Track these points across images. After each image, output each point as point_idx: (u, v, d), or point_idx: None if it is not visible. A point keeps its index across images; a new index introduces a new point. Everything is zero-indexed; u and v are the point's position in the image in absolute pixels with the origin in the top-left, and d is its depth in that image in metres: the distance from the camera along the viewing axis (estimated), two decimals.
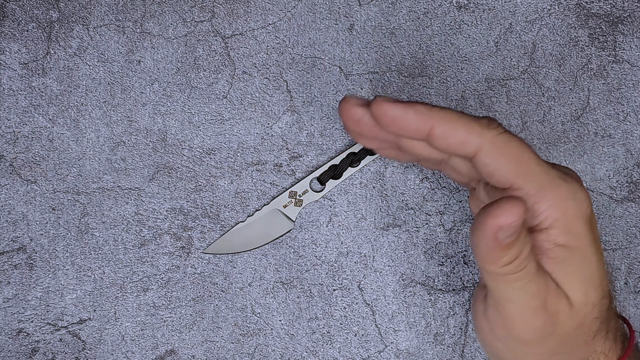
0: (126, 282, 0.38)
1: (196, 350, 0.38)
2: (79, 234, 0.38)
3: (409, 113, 0.26)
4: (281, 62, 0.39)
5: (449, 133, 0.26)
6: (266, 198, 0.39)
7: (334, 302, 0.38)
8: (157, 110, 0.39)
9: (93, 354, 0.38)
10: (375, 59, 0.39)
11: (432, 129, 0.26)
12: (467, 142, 0.26)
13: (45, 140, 0.38)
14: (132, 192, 0.38)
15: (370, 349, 0.38)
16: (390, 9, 0.39)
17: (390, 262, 0.39)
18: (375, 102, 0.27)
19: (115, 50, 0.39)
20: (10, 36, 0.39)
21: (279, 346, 0.38)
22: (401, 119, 0.27)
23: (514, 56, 0.39)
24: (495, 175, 0.27)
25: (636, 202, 0.39)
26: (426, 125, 0.26)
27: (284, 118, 0.39)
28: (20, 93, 0.39)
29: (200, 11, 0.39)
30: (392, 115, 0.27)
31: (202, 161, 0.39)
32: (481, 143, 0.26)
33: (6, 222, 0.38)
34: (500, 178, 0.27)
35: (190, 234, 0.38)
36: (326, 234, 0.39)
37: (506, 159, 0.26)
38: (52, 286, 0.38)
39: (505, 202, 0.24)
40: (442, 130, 0.26)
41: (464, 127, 0.26)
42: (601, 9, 0.39)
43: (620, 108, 0.39)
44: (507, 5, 0.39)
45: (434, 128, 0.26)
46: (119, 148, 0.39)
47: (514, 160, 0.26)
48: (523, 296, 0.26)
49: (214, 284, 0.38)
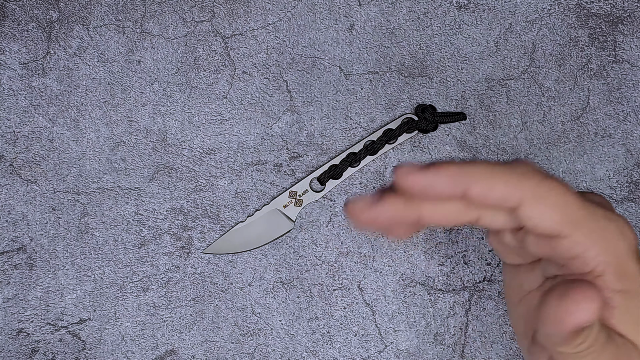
0: (126, 282, 0.38)
1: (196, 350, 0.38)
2: (79, 234, 0.38)
3: (439, 177, 0.24)
4: (281, 62, 0.39)
5: (488, 192, 0.24)
6: (266, 198, 0.39)
7: (334, 302, 0.38)
8: (157, 110, 0.39)
9: (93, 354, 0.38)
10: (375, 59, 0.39)
11: (469, 191, 0.25)
12: (508, 197, 0.25)
13: (45, 140, 0.38)
14: (132, 192, 0.38)
15: (370, 349, 0.38)
16: (390, 9, 0.39)
17: (390, 262, 0.39)
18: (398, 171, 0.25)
19: (115, 50, 0.39)
20: (10, 36, 0.39)
21: (279, 346, 0.38)
22: (432, 187, 0.25)
23: (514, 56, 0.39)
24: (539, 226, 0.25)
25: (636, 202, 0.39)
26: (461, 188, 0.25)
27: (284, 118, 0.39)
28: (20, 93, 0.39)
29: (200, 11, 0.39)
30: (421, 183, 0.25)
31: (202, 161, 0.39)
32: (522, 196, 0.24)
33: (6, 222, 0.38)
34: (546, 229, 0.25)
35: (190, 234, 0.38)
36: (326, 234, 0.39)
37: (551, 209, 0.25)
38: (52, 286, 0.38)
39: (581, 298, 0.22)
40: (479, 190, 0.24)
41: (502, 183, 0.24)
42: (601, 9, 0.39)
43: (620, 108, 0.39)
44: (507, 5, 0.39)
45: (470, 190, 0.24)
46: (119, 148, 0.39)
47: (559, 209, 0.25)
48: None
49: (214, 284, 0.38)
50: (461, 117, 0.38)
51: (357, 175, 0.39)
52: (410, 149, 0.39)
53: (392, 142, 0.38)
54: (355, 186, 0.39)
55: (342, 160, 0.38)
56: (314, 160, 0.39)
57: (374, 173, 0.39)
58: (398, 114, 0.39)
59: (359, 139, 0.39)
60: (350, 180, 0.39)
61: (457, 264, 0.38)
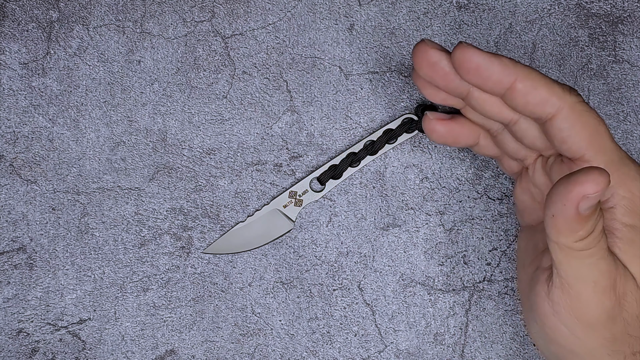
0: (126, 282, 0.38)
1: (196, 350, 0.38)
2: (79, 234, 0.38)
3: (494, 63, 0.26)
4: (281, 62, 0.39)
5: (531, 90, 0.26)
6: (266, 198, 0.39)
7: (334, 302, 0.38)
8: (157, 110, 0.39)
9: (93, 354, 0.38)
10: (375, 59, 0.39)
11: (515, 83, 0.26)
12: (548, 102, 0.26)
13: (45, 140, 0.38)
14: (132, 192, 0.38)
15: (370, 349, 0.38)
16: (390, 9, 0.39)
17: (390, 262, 0.39)
18: (460, 47, 0.26)
19: (115, 50, 0.39)
20: (10, 36, 0.39)
21: (279, 346, 0.38)
22: (485, 67, 0.26)
23: (514, 56, 0.39)
24: (568, 142, 0.27)
25: None
26: (510, 78, 0.26)
27: (284, 118, 0.39)
28: (20, 93, 0.39)
29: (200, 11, 0.39)
30: (476, 62, 0.26)
31: (202, 161, 0.39)
32: (561, 106, 0.26)
33: (6, 222, 0.38)
34: (573, 145, 0.26)
35: (190, 234, 0.38)
36: (326, 234, 0.39)
37: (582, 126, 0.26)
38: (52, 286, 0.38)
39: (591, 170, 0.23)
40: (524, 85, 0.26)
41: (546, 87, 0.26)
42: (601, 9, 0.39)
43: (620, 108, 0.39)
44: (507, 5, 0.39)
45: (517, 82, 0.26)
46: (119, 148, 0.39)
47: (590, 130, 0.26)
48: (594, 274, 0.26)
49: (214, 284, 0.38)
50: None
51: (357, 175, 0.39)
52: (410, 149, 0.39)
53: (392, 142, 0.38)
54: (355, 186, 0.39)
55: (342, 160, 0.38)
56: (314, 160, 0.39)
57: (374, 173, 0.39)
58: (398, 114, 0.39)
59: (359, 139, 0.39)
60: (350, 180, 0.39)
61: (457, 264, 0.38)
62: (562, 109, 0.26)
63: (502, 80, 0.26)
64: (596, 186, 0.23)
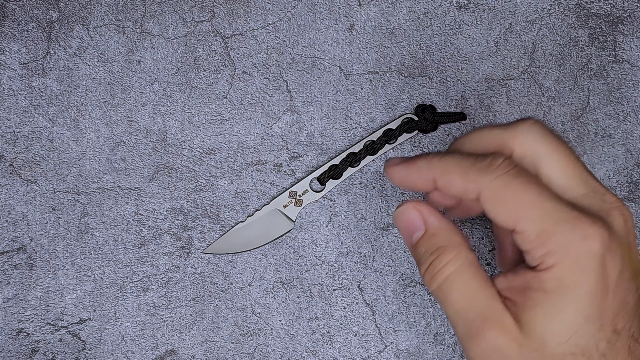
0: (126, 282, 0.38)
1: (196, 350, 0.38)
2: (79, 234, 0.38)
3: (411, 172, 0.27)
4: (281, 62, 0.39)
5: (449, 184, 0.26)
6: (266, 198, 0.39)
7: (334, 302, 0.38)
8: (157, 110, 0.39)
9: (93, 354, 0.38)
10: (375, 59, 0.39)
11: (436, 183, 0.27)
12: (467, 190, 0.26)
13: (45, 140, 0.38)
14: (132, 192, 0.38)
15: (370, 349, 0.38)
16: (390, 9, 0.39)
17: (390, 262, 0.39)
18: (385, 165, 0.28)
19: (115, 50, 0.39)
20: (10, 36, 0.39)
21: (279, 346, 0.38)
22: (408, 179, 0.28)
23: (514, 56, 0.39)
24: (497, 220, 0.26)
25: (636, 202, 0.39)
26: (429, 180, 0.27)
27: (284, 118, 0.39)
28: (20, 93, 0.39)
29: (200, 11, 0.39)
30: (399, 177, 0.28)
31: (202, 161, 0.39)
32: (479, 189, 0.25)
33: (6, 222, 0.38)
34: (502, 222, 0.25)
35: (190, 234, 0.38)
36: (326, 234, 0.39)
37: (503, 205, 0.25)
38: (52, 286, 0.38)
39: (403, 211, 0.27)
40: (442, 182, 0.26)
41: (460, 176, 0.26)
42: (601, 9, 0.39)
43: (620, 108, 0.39)
44: (507, 5, 0.39)
45: (437, 181, 0.27)
46: (119, 148, 0.39)
47: (512, 204, 0.25)
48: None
49: (214, 284, 0.38)
50: (461, 117, 0.38)
51: (357, 175, 0.39)
52: (410, 149, 0.39)
53: (392, 142, 0.38)
54: (355, 186, 0.39)
55: (342, 160, 0.38)
56: (314, 160, 0.39)
57: (374, 173, 0.39)
58: (398, 114, 0.39)
59: (359, 139, 0.39)
60: (350, 180, 0.39)
61: None
62: (481, 192, 0.25)
63: (426, 184, 0.27)
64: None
